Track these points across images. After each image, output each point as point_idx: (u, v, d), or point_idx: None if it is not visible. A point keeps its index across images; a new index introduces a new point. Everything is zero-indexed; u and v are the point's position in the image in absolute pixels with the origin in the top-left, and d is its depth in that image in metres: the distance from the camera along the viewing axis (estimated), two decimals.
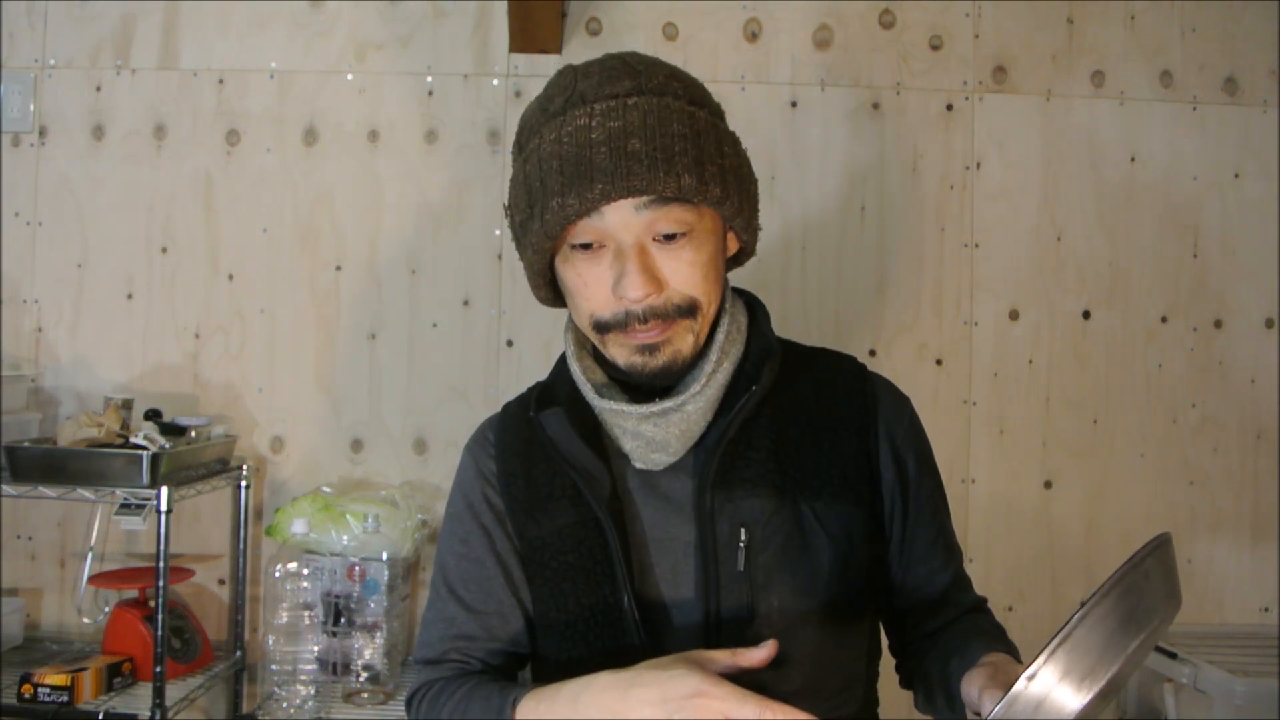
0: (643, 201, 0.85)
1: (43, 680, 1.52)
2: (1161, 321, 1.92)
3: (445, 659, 0.96)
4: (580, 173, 0.83)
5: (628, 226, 0.86)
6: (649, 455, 0.93)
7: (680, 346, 0.90)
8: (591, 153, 0.84)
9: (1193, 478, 1.91)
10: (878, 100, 1.90)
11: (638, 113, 0.85)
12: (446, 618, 0.97)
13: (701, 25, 1.90)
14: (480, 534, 0.98)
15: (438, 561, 1.01)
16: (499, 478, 0.99)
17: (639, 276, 0.85)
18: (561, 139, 0.86)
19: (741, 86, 1.90)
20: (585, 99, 0.87)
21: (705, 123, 0.89)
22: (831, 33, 1.90)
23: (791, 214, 1.90)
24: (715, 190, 0.86)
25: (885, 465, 0.96)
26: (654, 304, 0.87)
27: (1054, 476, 1.90)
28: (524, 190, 0.90)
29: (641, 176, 0.83)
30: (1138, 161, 1.92)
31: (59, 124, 1.89)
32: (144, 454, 1.57)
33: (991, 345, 1.90)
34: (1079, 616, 0.62)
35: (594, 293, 0.89)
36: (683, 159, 0.84)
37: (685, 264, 0.88)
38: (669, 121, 0.85)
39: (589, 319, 0.91)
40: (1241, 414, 1.92)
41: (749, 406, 0.92)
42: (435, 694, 0.93)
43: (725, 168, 0.88)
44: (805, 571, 0.90)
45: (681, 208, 0.86)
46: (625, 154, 0.83)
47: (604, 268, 0.88)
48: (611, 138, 0.84)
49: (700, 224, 0.88)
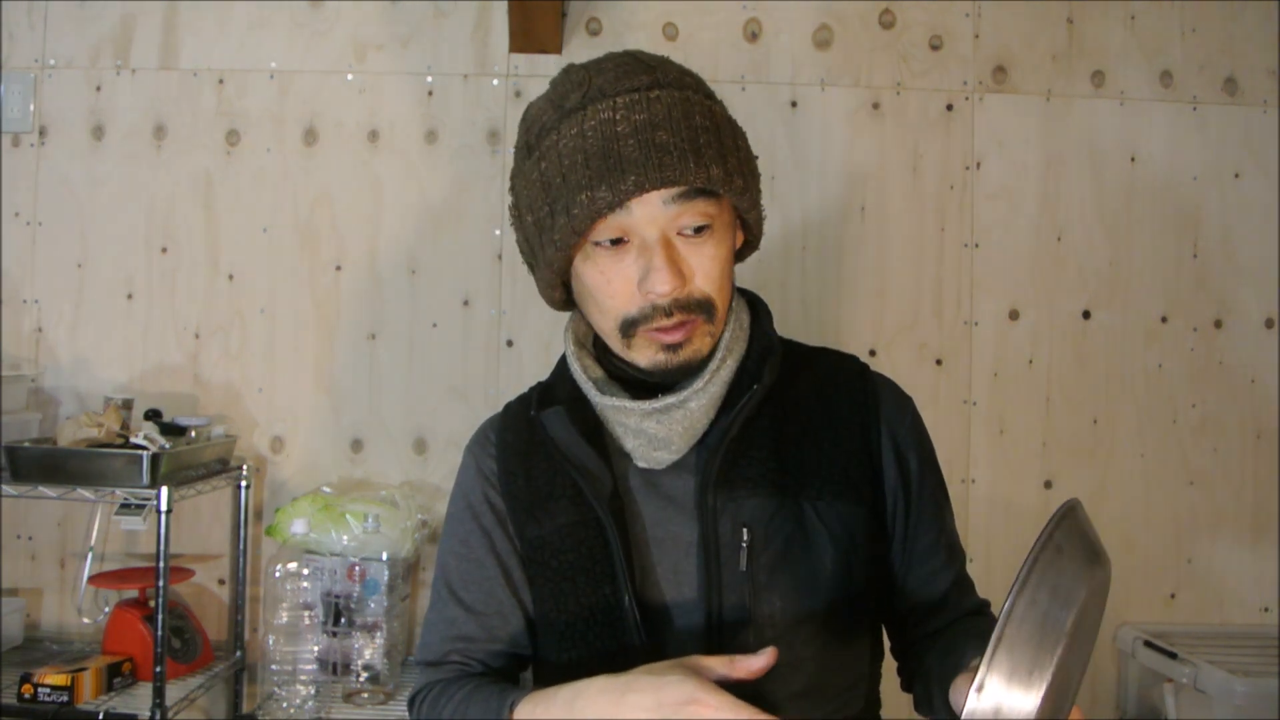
0: (670, 196, 0.85)
1: (43, 680, 1.52)
2: (1161, 321, 1.92)
3: (446, 660, 0.96)
4: (609, 165, 0.83)
5: (654, 221, 0.86)
6: (651, 453, 0.93)
7: (700, 346, 0.91)
8: (620, 145, 0.83)
9: (1193, 478, 1.91)
10: (878, 100, 1.90)
11: (662, 105, 0.85)
12: (447, 619, 0.97)
13: (701, 25, 1.90)
14: (480, 535, 0.98)
15: (439, 562, 1.01)
16: (500, 477, 0.99)
17: (667, 270, 0.86)
18: (585, 133, 0.85)
19: (741, 86, 1.90)
20: (605, 93, 0.87)
21: (722, 116, 0.91)
22: (831, 33, 1.90)
23: (791, 214, 1.90)
24: (739, 181, 0.88)
25: (888, 464, 0.96)
26: (679, 298, 0.87)
27: (1054, 476, 1.90)
28: (541, 188, 0.89)
29: (673, 168, 0.83)
30: (1138, 161, 1.92)
31: (59, 124, 1.89)
32: (144, 454, 1.57)
33: (991, 345, 1.90)
34: (1004, 614, 0.61)
35: (618, 289, 0.89)
36: (709, 150, 0.85)
37: (708, 259, 0.88)
38: (691, 114, 0.86)
39: (616, 319, 0.90)
40: (1241, 414, 1.92)
41: (751, 405, 0.92)
42: (436, 695, 0.93)
43: (742, 159, 0.90)
44: (807, 571, 0.90)
45: (705, 201, 0.87)
46: (655, 146, 0.83)
47: (628, 264, 0.88)
48: (639, 130, 0.84)
49: (720, 217, 0.89)
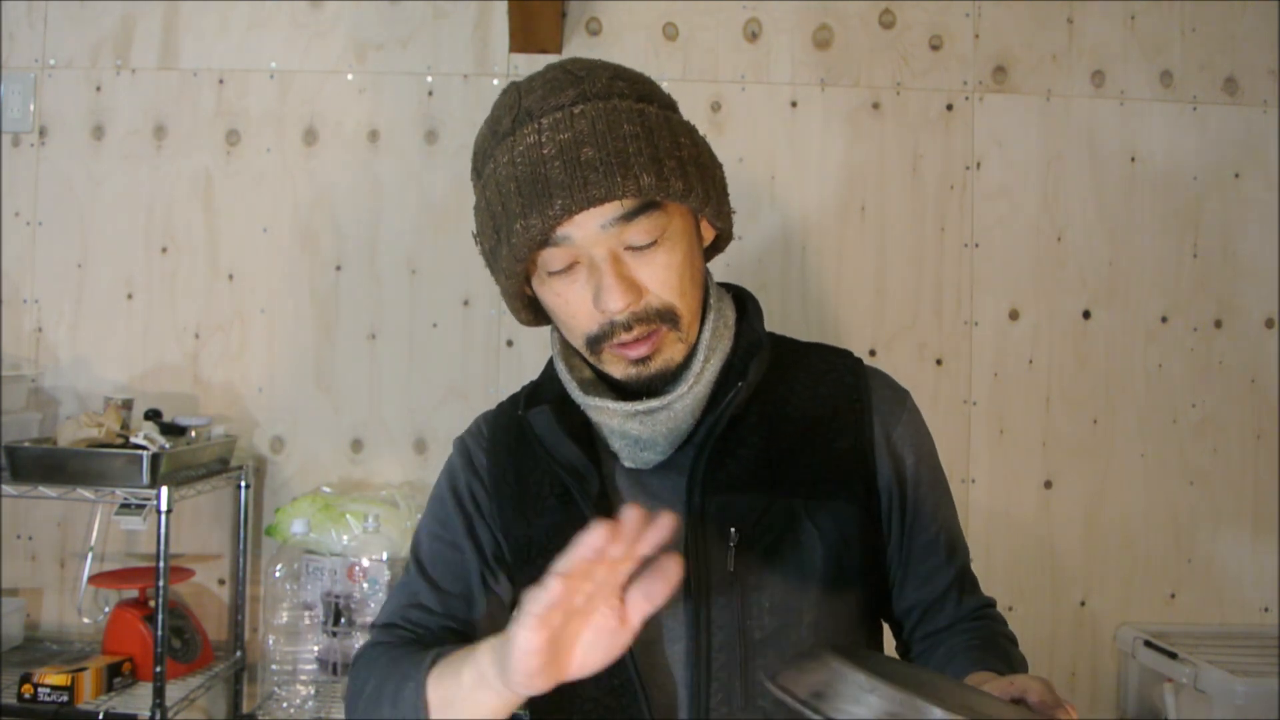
0: (608, 220, 0.83)
1: (43, 680, 1.52)
2: (1161, 321, 1.92)
3: (397, 624, 0.95)
4: (538, 191, 0.82)
5: (598, 242, 0.84)
6: (637, 454, 0.92)
7: (671, 355, 0.89)
8: (546, 169, 0.82)
9: (1193, 478, 1.91)
10: (878, 100, 1.90)
11: (585, 120, 0.83)
12: (410, 590, 0.97)
13: (701, 25, 1.90)
14: (460, 520, 0.97)
15: (414, 539, 1.00)
16: (489, 472, 0.98)
17: (617, 288, 0.84)
18: (515, 160, 0.84)
19: (741, 86, 1.90)
20: (531, 115, 0.85)
21: (656, 117, 0.86)
22: (831, 33, 1.91)
23: (791, 214, 1.90)
24: (678, 184, 0.84)
25: (881, 461, 0.95)
26: (635, 311, 0.86)
27: (1054, 476, 1.90)
28: (488, 216, 0.88)
29: (599, 185, 0.81)
30: (1138, 161, 1.92)
31: (59, 124, 1.89)
32: (144, 454, 1.57)
33: (991, 345, 1.90)
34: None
35: (576, 310, 0.88)
36: (638, 159, 0.82)
37: (661, 268, 0.86)
38: (618, 124, 0.84)
39: (581, 338, 0.90)
40: (1241, 414, 1.92)
41: (737, 403, 0.91)
42: (378, 655, 0.91)
43: (684, 159, 0.86)
44: (796, 570, 0.89)
45: (647, 217, 0.84)
46: (580, 164, 0.81)
47: (581, 284, 0.86)
48: (563, 150, 0.82)
49: (670, 225, 0.86)
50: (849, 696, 0.61)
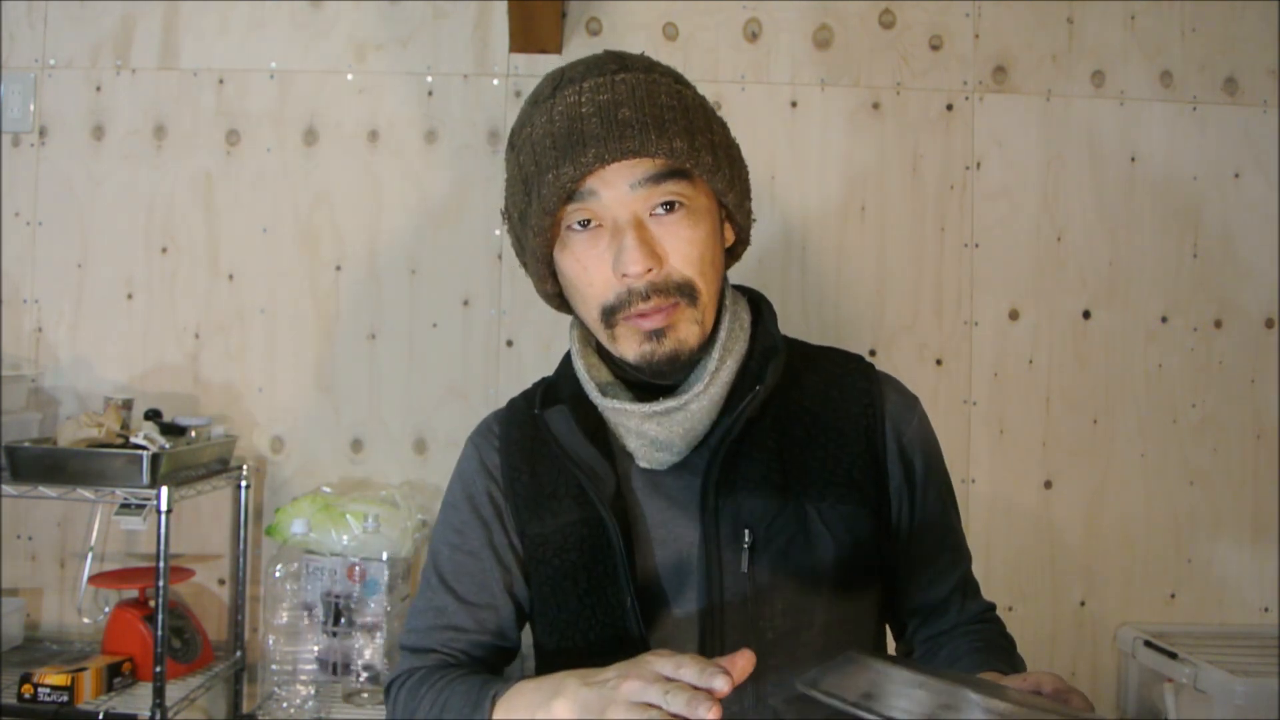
0: (637, 179, 0.85)
1: (43, 680, 1.52)
2: (1161, 321, 1.92)
3: (431, 649, 0.96)
4: (572, 142, 0.84)
5: (623, 203, 0.86)
6: (653, 454, 0.92)
7: (685, 336, 0.89)
8: (583, 124, 0.84)
9: (1193, 478, 1.91)
10: (878, 100, 1.90)
11: (626, 86, 0.86)
12: (437, 607, 0.97)
13: (701, 25, 1.90)
14: (478, 526, 0.97)
15: (431, 549, 1.00)
16: (503, 472, 0.98)
17: (638, 250, 0.85)
18: (553, 118, 0.87)
19: (741, 86, 1.90)
20: (573, 80, 0.88)
21: (693, 99, 0.91)
22: (831, 33, 1.91)
23: (791, 214, 1.90)
24: (708, 158, 0.87)
25: (892, 466, 0.95)
26: (654, 279, 0.86)
27: (1054, 476, 1.90)
28: (520, 179, 0.90)
29: (633, 139, 0.83)
30: (1138, 161, 1.92)
31: (59, 124, 1.89)
32: (144, 454, 1.57)
33: (991, 345, 1.90)
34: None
35: (595, 276, 0.88)
36: (673, 125, 0.85)
37: (684, 241, 0.87)
38: (657, 94, 0.87)
39: (597, 308, 0.89)
40: (1241, 414, 1.92)
41: (753, 406, 0.91)
42: (416, 683, 0.92)
43: (715, 142, 0.89)
44: (809, 572, 0.89)
45: (675, 183, 0.86)
46: (616, 121, 0.84)
47: (602, 249, 0.87)
48: (601, 109, 0.85)
49: (695, 198, 0.88)
50: (900, 694, 0.63)
